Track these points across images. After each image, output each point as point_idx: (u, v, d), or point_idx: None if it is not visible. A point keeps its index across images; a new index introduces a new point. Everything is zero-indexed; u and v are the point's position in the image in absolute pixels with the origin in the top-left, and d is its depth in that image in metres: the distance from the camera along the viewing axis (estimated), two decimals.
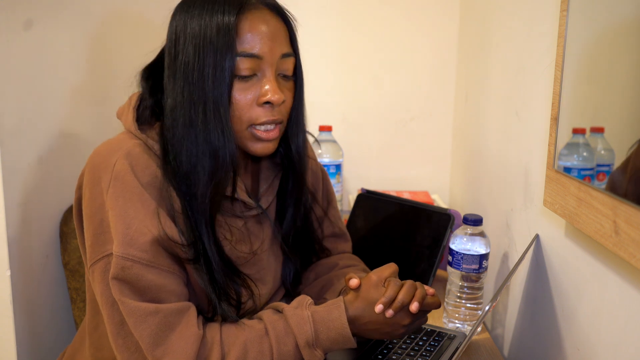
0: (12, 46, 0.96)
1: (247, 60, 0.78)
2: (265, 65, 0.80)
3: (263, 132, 0.82)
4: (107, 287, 0.75)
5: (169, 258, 0.78)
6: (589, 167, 0.72)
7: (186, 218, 0.79)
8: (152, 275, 0.75)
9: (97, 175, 0.77)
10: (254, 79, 0.80)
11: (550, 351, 0.84)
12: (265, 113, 0.81)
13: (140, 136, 0.81)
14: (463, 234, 1.00)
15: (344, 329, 0.79)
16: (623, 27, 0.65)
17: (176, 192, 0.79)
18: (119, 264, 0.73)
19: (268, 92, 0.80)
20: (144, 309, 0.73)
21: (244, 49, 0.78)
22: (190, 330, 0.75)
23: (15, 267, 0.97)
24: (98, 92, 1.20)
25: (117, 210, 0.75)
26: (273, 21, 0.81)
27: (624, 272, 0.64)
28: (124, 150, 0.78)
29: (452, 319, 1.02)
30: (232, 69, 0.77)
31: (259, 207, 0.91)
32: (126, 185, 0.76)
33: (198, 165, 0.79)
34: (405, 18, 1.61)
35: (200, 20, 0.78)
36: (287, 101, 0.85)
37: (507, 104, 1.08)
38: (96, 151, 0.81)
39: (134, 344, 0.75)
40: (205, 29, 0.77)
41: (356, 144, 1.66)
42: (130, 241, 0.74)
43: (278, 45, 0.81)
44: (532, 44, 0.95)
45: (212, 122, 0.78)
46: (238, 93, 0.80)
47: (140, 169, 0.77)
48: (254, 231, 0.91)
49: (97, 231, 0.77)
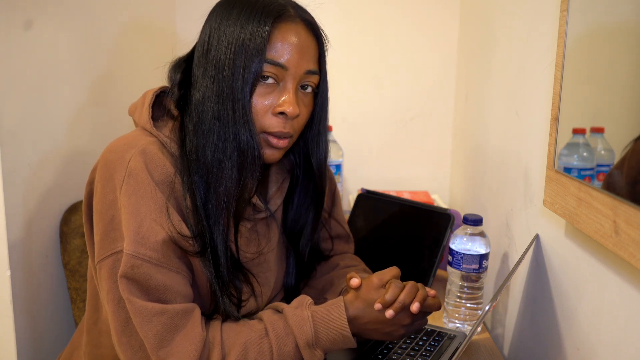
0: (12, 46, 0.96)
1: (273, 68, 0.79)
2: (288, 76, 0.80)
3: (275, 139, 0.82)
4: (114, 285, 0.75)
5: (178, 258, 0.78)
6: (589, 167, 0.72)
7: (195, 212, 0.79)
8: (161, 275, 0.75)
9: (111, 172, 0.77)
10: (275, 88, 0.81)
11: (550, 351, 0.84)
12: (278, 123, 0.81)
13: (155, 133, 0.81)
14: (463, 234, 1.00)
15: (343, 329, 0.79)
16: (623, 27, 0.65)
17: (190, 186, 0.79)
18: (129, 262, 0.73)
19: (284, 103, 0.80)
20: (151, 309, 0.73)
21: (272, 57, 0.79)
22: (194, 331, 0.75)
23: (15, 267, 0.97)
24: (97, 93, 1.20)
25: (129, 207, 0.75)
26: (305, 36, 0.82)
27: (624, 272, 0.64)
28: (139, 147, 0.78)
29: (452, 319, 1.02)
30: (257, 73, 0.78)
31: (268, 210, 0.91)
32: (140, 183, 0.76)
33: (225, 160, 0.79)
34: (406, 18, 1.61)
35: (237, 22, 0.79)
36: (302, 116, 0.84)
37: (507, 104, 1.08)
38: (110, 147, 0.80)
39: (138, 342, 0.75)
40: (240, 32, 0.78)
41: (356, 144, 1.66)
42: (142, 240, 0.74)
43: (305, 61, 0.81)
44: (532, 44, 0.95)
45: (240, 121, 0.78)
46: (257, 97, 0.80)
47: (154, 167, 0.77)
48: (261, 233, 0.91)
49: (107, 228, 0.76)
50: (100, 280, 0.78)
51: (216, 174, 0.79)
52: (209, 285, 0.81)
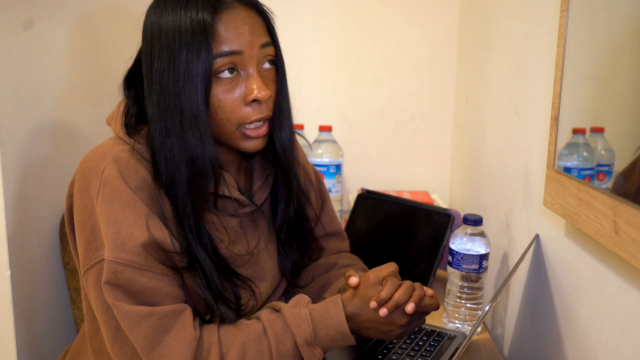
0: (12, 46, 0.96)
1: (226, 59, 0.77)
2: (247, 60, 0.79)
3: (253, 130, 0.82)
4: (101, 293, 0.74)
5: (161, 260, 0.77)
6: (589, 167, 0.72)
7: (178, 223, 0.79)
8: (145, 279, 0.75)
9: (87, 182, 0.77)
10: (238, 78, 0.79)
11: (550, 351, 0.84)
12: (255, 111, 0.80)
13: (128, 141, 0.81)
14: (463, 234, 1.00)
15: (342, 327, 0.78)
16: (623, 27, 0.65)
17: (166, 196, 0.79)
18: (111, 268, 0.73)
19: (254, 90, 0.79)
20: (138, 312, 0.73)
21: (222, 49, 0.77)
22: (185, 331, 0.74)
23: (15, 267, 0.97)
24: (97, 92, 1.20)
25: (107, 215, 0.75)
26: (248, 16, 0.79)
27: (624, 272, 0.64)
28: (112, 155, 0.78)
29: (452, 319, 1.02)
30: (209, 73, 0.76)
31: (253, 204, 0.90)
32: (115, 191, 0.76)
33: (176, 174, 0.78)
34: (405, 18, 1.61)
35: (174, 24, 0.76)
36: (273, 94, 0.84)
37: (507, 104, 1.08)
38: (85, 158, 0.80)
39: (131, 348, 0.75)
40: (180, 35, 0.75)
41: (356, 144, 1.66)
42: (121, 245, 0.74)
43: (256, 37, 0.79)
44: (532, 44, 0.95)
45: (188, 132, 0.77)
46: (223, 94, 0.78)
47: (128, 174, 0.77)
48: (249, 230, 0.91)
49: (89, 238, 0.76)
50: (88, 290, 0.77)
51: (174, 189, 0.78)
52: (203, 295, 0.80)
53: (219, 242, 0.84)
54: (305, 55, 1.61)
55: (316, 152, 1.49)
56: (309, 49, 1.61)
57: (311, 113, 1.62)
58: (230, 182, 0.86)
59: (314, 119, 1.61)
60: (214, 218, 0.84)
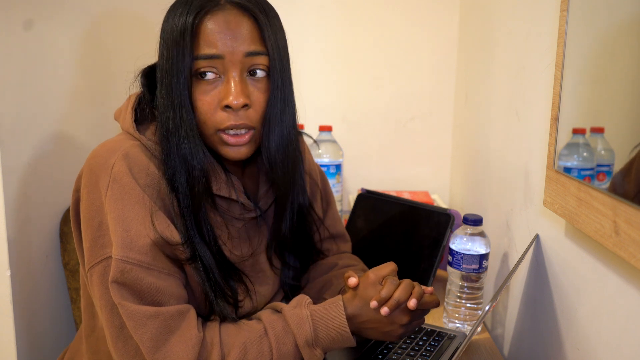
0: (12, 46, 0.96)
1: (207, 62, 0.77)
2: (228, 65, 0.77)
3: (232, 137, 0.80)
4: (106, 291, 0.74)
5: (169, 260, 0.77)
6: (589, 167, 0.72)
7: (182, 217, 0.79)
8: (152, 278, 0.74)
9: (95, 177, 0.77)
10: (218, 81, 0.79)
11: (550, 351, 0.84)
12: (229, 117, 0.78)
13: (138, 137, 0.81)
14: (463, 234, 1.00)
15: (342, 328, 0.78)
16: (623, 27, 0.65)
17: (173, 188, 0.79)
18: (119, 267, 0.73)
19: (228, 95, 0.77)
20: (144, 312, 0.73)
21: (203, 51, 0.77)
22: (190, 332, 0.74)
23: (15, 267, 0.97)
24: (97, 93, 1.20)
25: (116, 212, 0.74)
26: (236, 19, 0.77)
27: (624, 272, 0.64)
28: (122, 151, 0.77)
29: (452, 319, 1.02)
30: (190, 71, 0.77)
31: (258, 209, 0.90)
32: (125, 187, 0.75)
33: (176, 172, 0.79)
34: (406, 18, 1.61)
35: (171, 23, 0.79)
36: (258, 104, 0.80)
37: (507, 104, 1.08)
38: (94, 153, 0.80)
39: (134, 347, 0.74)
40: (171, 32, 0.78)
41: (356, 144, 1.66)
42: (130, 244, 0.74)
43: (241, 44, 0.77)
44: (532, 44, 0.95)
45: (180, 129, 0.78)
46: (200, 96, 0.78)
47: (138, 170, 0.77)
48: (252, 233, 0.91)
49: (95, 234, 0.76)
50: (92, 287, 0.77)
51: (176, 186, 0.79)
52: (202, 288, 0.80)
53: (222, 244, 0.84)
54: (305, 55, 1.61)
55: (316, 152, 1.49)
56: (309, 49, 1.61)
57: (311, 113, 1.62)
58: (237, 185, 0.86)
59: (314, 119, 1.61)
60: (219, 217, 0.85)
